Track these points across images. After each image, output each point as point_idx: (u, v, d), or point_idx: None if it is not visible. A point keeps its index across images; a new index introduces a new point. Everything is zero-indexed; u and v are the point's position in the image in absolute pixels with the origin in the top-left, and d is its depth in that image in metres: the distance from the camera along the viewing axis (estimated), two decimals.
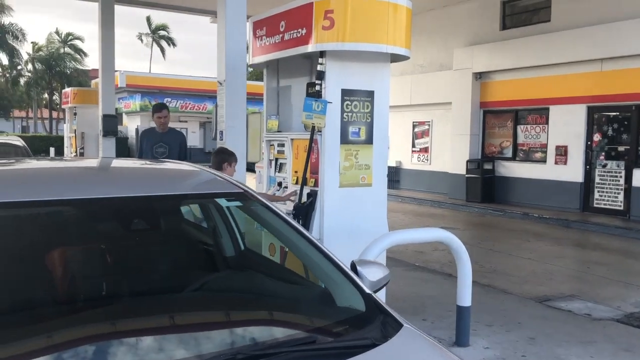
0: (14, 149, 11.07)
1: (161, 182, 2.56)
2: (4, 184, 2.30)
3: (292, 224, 2.49)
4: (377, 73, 4.93)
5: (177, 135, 6.93)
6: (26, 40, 35.51)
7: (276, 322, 2.06)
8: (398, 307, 5.61)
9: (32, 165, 2.72)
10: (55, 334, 1.85)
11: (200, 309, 2.09)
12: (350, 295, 2.24)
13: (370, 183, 4.98)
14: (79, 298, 2.17)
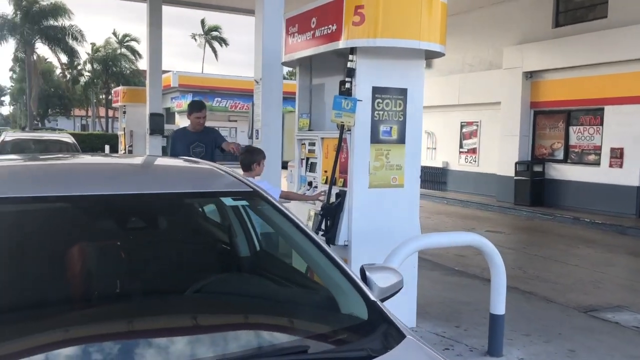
0: (66, 146, 11.46)
1: (167, 180, 2.51)
2: (14, 180, 2.31)
3: (300, 226, 2.39)
4: (411, 70, 4.77)
5: (211, 133, 6.63)
6: (85, 41, 36.77)
7: (270, 328, 1.97)
8: (431, 312, 5.48)
9: (42, 163, 2.71)
10: (60, 329, 1.82)
11: (194, 311, 2.02)
12: (354, 302, 2.12)
13: (402, 184, 4.82)
14: (83, 295, 2.14)
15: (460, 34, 17.07)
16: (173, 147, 6.53)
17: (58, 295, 2.09)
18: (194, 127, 6.48)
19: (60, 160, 2.77)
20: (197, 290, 2.19)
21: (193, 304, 2.09)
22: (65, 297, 2.09)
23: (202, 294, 2.16)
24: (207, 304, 2.11)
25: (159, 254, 2.44)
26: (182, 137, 6.57)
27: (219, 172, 2.71)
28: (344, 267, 2.23)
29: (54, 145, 11.50)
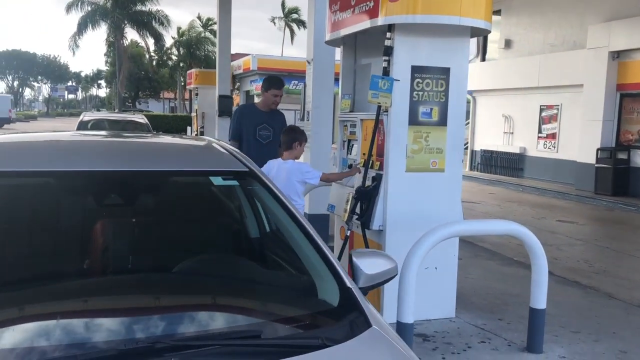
0: (139, 126, 11.94)
1: (158, 157, 2.50)
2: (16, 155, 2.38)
3: (288, 208, 2.31)
4: (454, 48, 4.52)
5: (280, 116, 5.89)
6: (170, 26, 38.04)
7: (232, 311, 1.91)
8: (475, 303, 5.25)
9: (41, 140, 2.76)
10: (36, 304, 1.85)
11: (164, 290, 1.99)
12: (330, 288, 2.02)
13: (443, 168, 4.60)
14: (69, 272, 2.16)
15: (541, 12, 16.17)
16: (238, 124, 5.74)
17: (53, 268, 2.14)
18: (267, 105, 5.68)
19: (64, 137, 2.83)
20: (182, 270, 2.17)
21: (167, 283, 2.07)
22: (60, 271, 2.13)
23: (180, 274, 2.13)
24: (181, 283, 2.08)
25: (132, 233, 2.43)
26: (249, 114, 5.77)
27: (218, 150, 2.67)
28: (325, 252, 2.13)
29: (128, 125, 12.02)
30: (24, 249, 2.23)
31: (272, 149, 5.53)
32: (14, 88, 79.55)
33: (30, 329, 1.72)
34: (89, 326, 1.71)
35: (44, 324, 1.72)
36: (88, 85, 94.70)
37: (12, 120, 41.31)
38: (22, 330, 1.70)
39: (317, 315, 1.89)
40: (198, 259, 2.23)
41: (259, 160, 4.80)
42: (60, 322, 1.71)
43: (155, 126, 32.63)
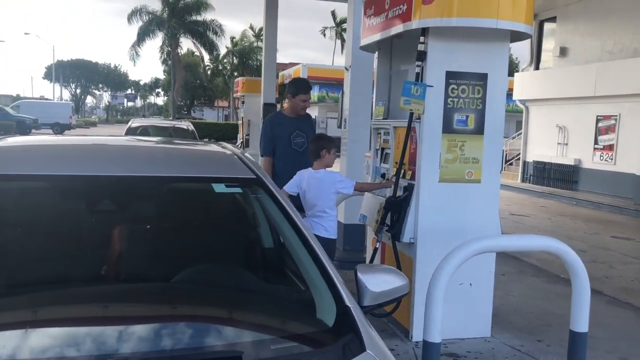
0: (184, 133, 12.11)
1: (161, 163, 2.41)
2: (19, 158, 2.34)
3: (293, 219, 2.17)
4: (492, 53, 4.30)
5: (310, 120, 5.71)
6: (224, 35, 38.73)
7: (218, 327, 1.78)
8: (514, 322, 4.95)
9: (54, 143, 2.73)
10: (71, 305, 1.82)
11: (150, 302, 1.89)
12: (328, 306, 1.87)
13: (479, 179, 4.37)
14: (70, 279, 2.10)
15: (599, 18, 15.52)
16: (271, 134, 5.44)
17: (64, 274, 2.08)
18: (295, 111, 5.41)
19: (75, 141, 2.79)
20: (177, 281, 2.06)
21: (157, 293, 1.97)
22: (63, 278, 2.06)
23: (175, 285, 2.03)
24: (173, 295, 1.97)
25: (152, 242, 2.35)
26: (281, 123, 5.48)
27: (227, 157, 2.56)
28: (326, 267, 1.98)
29: (173, 132, 12.20)
30: (29, 254, 2.18)
31: (306, 156, 5.38)
32: (76, 96, 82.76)
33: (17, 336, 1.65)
34: (57, 336, 1.62)
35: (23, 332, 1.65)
36: (146, 94, 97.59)
37: (72, 126, 42.84)
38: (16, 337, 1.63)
39: (309, 336, 1.75)
40: (196, 269, 2.12)
41: (298, 169, 4.64)
42: (30, 331, 1.63)
43: (208, 134, 33.37)
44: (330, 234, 4.48)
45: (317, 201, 4.48)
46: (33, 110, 41.22)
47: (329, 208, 4.50)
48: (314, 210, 4.47)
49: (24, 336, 1.66)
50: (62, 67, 73.84)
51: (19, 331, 1.69)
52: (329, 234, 4.46)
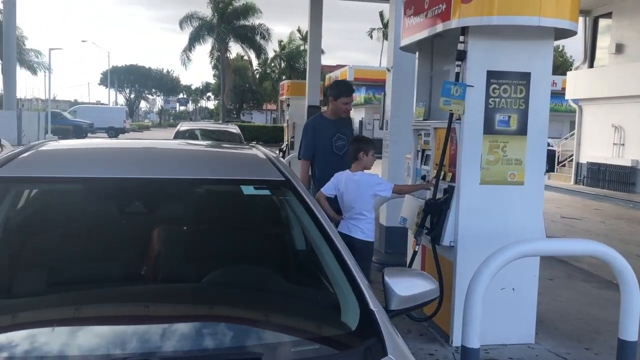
0: (231, 136, 12.30)
1: (192, 165, 2.45)
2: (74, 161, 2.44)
3: (320, 222, 2.16)
4: (536, 52, 4.18)
5: (349, 123, 5.64)
6: (271, 39, 39.18)
7: (241, 328, 1.79)
8: (561, 329, 4.78)
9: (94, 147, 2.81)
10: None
11: (175, 302, 1.91)
12: (352, 309, 1.85)
13: (522, 181, 4.25)
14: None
15: None
16: (312, 139, 5.39)
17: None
18: (337, 114, 5.35)
19: (112, 145, 2.87)
20: (204, 282, 2.09)
21: (185, 294, 1.99)
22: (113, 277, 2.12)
23: (202, 286, 2.05)
24: (199, 296, 1.99)
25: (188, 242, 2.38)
26: (321, 126, 5.40)
27: (259, 159, 2.58)
28: (352, 270, 1.96)
29: (220, 135, 12.41)
30: (70, 254, 2.24)
31: (348, 159, 5.35)
32: (130, 100, 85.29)
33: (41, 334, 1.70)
34: (74, 335, 1.66)
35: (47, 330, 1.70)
36: (197, 98, 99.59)
37: (126, 130, 44.17)
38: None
39: (331, 339, 1.73)
40: (223, 270, 2.14)
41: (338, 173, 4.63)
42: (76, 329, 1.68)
43: (255, 137, 33.75)
44: (367, 237, 4.44)
45: (355, 204, 4.46)
46: (89, 115, 42.75)
47: (367, 210, 4.47)
48: (351, 212, 4.45)
49: (70, 333, 1.70)
50: (116, 72, 76.25)
51: (66, 328, 1.74)
52: (366, 237, 4.43)
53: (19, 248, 2.29)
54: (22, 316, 1.82)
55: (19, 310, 1.87)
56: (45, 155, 2.42)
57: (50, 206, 2.37)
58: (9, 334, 1.67)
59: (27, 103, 64.41)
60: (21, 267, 2.17)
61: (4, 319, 1.80)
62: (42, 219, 2.32)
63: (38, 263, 2.18)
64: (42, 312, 1.85)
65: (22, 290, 2.03)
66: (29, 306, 1.89)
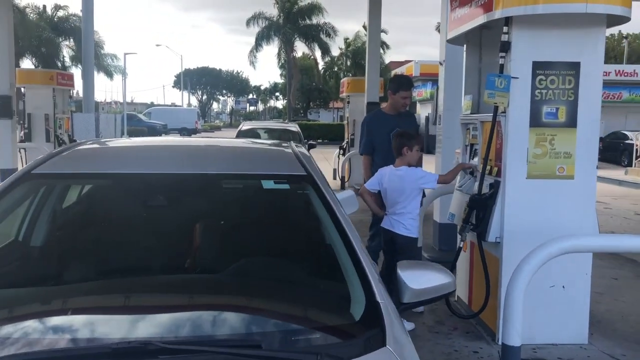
0: (291, 134, 12.47)
1: (214, 160, 2.54)
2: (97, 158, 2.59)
3: (336, 216, 2.18)
4: (586, 40, 4.01)
5: (411, 118, 5.60)
6: (336, 36, 39.33)
7: (246, 317, 1.84)
8: (619, 330, 4.57)
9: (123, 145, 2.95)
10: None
11: (180, 291, 2.00)
12: (359, 301, 1.87)
13: (572, 175, 4.10)
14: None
15: None
16: (369, 134, 5.46)
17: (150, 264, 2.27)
18: (395, 108, 5.35)
19: (147, 143, 3.00)
20: (219, 273, 2.17)
21: (196, 284, 2.08)
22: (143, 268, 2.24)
23: (216, 277, 2.13)
24: (209, 285, 2.07)
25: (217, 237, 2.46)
26: (379, 121, 5.44)
27: (283, 154, 2.64)
28: (362, 263, 1.98)
29: (281, 134, 12.63)
30: (112, 246, 2.37)
31: None
32: (203, 102, 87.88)
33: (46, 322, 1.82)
34: (85, 323, 1.76)
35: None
36: (267, 98, 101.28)
37: (198, 130, 45.57)
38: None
39: (332, 329, 1.75)
40: (241, 263, 2.21)
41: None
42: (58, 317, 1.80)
43: (321, 135, 33.90)
44: (411, 233, 4.41)
45: (399, 198, 4.44)
46: (163, 117, 44.42)
47: (411, 206, 4.44)
48: (395, 207, 4.43)
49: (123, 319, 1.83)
50: (189, 75, 78.70)
51: (118, 315, 1.86)
52: (409, 233, 4.40)
53: (64, 240, 2.45)
54: (65, 302, 1.97)
55: (63, 296, 2.02)
56: (82, 154, 2.58)
57: (81, 202, 2.51)
58: (58, 318, 1.81)
59: (107, 106, 67.63)
60: (63, 258, 2.32)
61: (57, 303, 1.96)
62: (78, 213, 2.47)
63: (75, 254, 2.33)
64: (83, 299, 1.98)
65: (66, 278, 2.18)
66: (69, 293, 2.03)
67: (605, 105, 25.26)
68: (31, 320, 1.76)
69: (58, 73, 14.05)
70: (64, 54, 40.24)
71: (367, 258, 2.04)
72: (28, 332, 1.68)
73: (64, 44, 38.05)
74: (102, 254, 2.31)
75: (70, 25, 36.88)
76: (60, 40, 37.55)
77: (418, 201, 4.56)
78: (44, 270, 2.25)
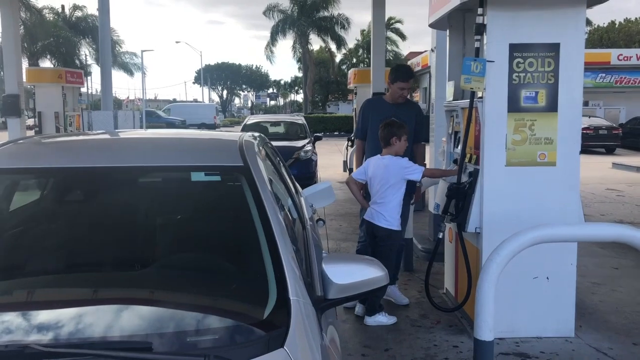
0: (296, 126, 12.45)
1: (147, 153, 2.45)
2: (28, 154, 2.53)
3: (264, 210, 2.07)
4: (565, 20, 3.84)
5: (413, 108, 5.26)
6: (350, 28, 38.98)
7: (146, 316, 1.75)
8: (610, 322, 4.41)
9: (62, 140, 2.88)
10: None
11: (95, 290, 1.92)
12: (272, 298, 1.77)
13: (554, 162, 3.93)
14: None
15: None
16: (364, 119, 5.28)
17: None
18: (393, 98, 5.11)
19: (81, 137, 2.94)
20: (145, 269, 2.09)
21: (104, 282, 2.00)
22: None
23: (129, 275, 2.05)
24: (118, 283, 1.99)
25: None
26: (375, 107, 5.23)
27: (227, 145, 2.55)
28: (281, 258, 1.87)
29: (288, 126, 12.59)
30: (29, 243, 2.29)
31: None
32: (222, 97, 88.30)
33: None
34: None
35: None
36: (287, 92, 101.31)
37: (217, 126, 45.74)
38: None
39: (233, 329, 1.66)
40: (157, 258, 2.13)
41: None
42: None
43: (338, 127, 33.75)
44: (391, 225, 4.27)
45: (381, 188, 4.32)
46: (182, 113, 44.71)
47: (393, 196, 4.31)
48: (376, 197, 4.32)
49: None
50: (209, 70, 79.07)
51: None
52: (389, 224, 4.26)
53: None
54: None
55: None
56: (14, 149, 2.51)
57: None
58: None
59: (130, 104, 68.34)
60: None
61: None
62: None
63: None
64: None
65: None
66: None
67: (627, 91, 25.05)
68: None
69: (67, 71, 14.16)
70: (86, 53, 40.81)
71: (289, 254, 1.93)
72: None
73: (82, 43, 38.53)
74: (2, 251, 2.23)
75: (89, 25, 37.31)
76: (78, 39, 38.02)
77: (401, 192, 4.43)
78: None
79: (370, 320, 4.31)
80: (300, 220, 2.86)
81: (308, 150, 11.08)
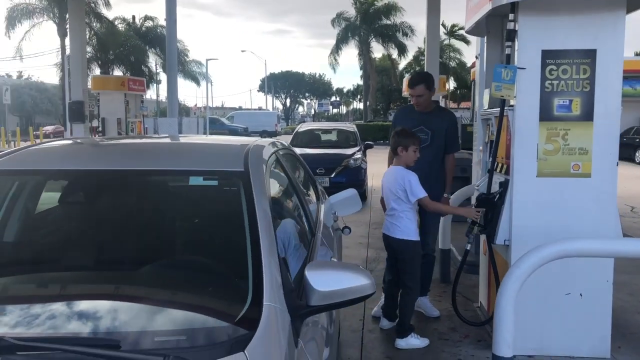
0: (347, 133, 12.49)
1: (151, 157, 2.51)
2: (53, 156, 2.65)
3: (254, 215, 2.09)
4: (602, 25, 3.66)
5: (445, 117, 5.06)
6: (415, 35, 38.61)
7: (120, 315, 1.79)
8: (624, 333, 4.11)
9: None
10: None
11: (79, 288, 1.99)
12: (247, 302, 1.78)
13: (589, 173, 3.76)
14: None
15: None
16: (395, 126, 4.99)
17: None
18: (416, 106, 4.97)
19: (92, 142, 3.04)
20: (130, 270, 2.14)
21: (89, 281, 2.06)
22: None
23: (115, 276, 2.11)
24: (100, 284, 2.05)
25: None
26: (404, 116, 5.12)
27: (232, 150, 2.59)
28: (262, 264, 1.88)
29: (338, 134, 12.63)
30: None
31: (426, 154, 4.89)
32: (286, 105, 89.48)
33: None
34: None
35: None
36: (349, 100, 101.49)
37: (278, 133, 46.39)
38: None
39: (200, 331, 1.68)
40: (144, 260, 2.18)
41: (412, 166, 4.29)
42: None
43: None
44: (406, 235, 4.13)
45: (390, 199, 4.24)
46: (245, 120, 45.64)
47: (404, 206, 4.17)
48: (388, 209, 4.24)
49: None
50: (273, 79, 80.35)
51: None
52: (404, 235, 4.13)
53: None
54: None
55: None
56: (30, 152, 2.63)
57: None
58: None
59: (198, 111, 70.39)
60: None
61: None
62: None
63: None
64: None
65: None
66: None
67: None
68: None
69: (129, 79, 14.77)
70: (154, 62, 42.39)
71: (272, 260, 1.93)
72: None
73: (151, 52, 40.04)
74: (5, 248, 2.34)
75: (157, 35, 38.76)
76: (147, 48, 39.55)
77: (411, 204, 4.24)
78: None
79: (402, 343, 4.11)
80: (310, 228, 2.86)
81: (358, 158, 11.06)
